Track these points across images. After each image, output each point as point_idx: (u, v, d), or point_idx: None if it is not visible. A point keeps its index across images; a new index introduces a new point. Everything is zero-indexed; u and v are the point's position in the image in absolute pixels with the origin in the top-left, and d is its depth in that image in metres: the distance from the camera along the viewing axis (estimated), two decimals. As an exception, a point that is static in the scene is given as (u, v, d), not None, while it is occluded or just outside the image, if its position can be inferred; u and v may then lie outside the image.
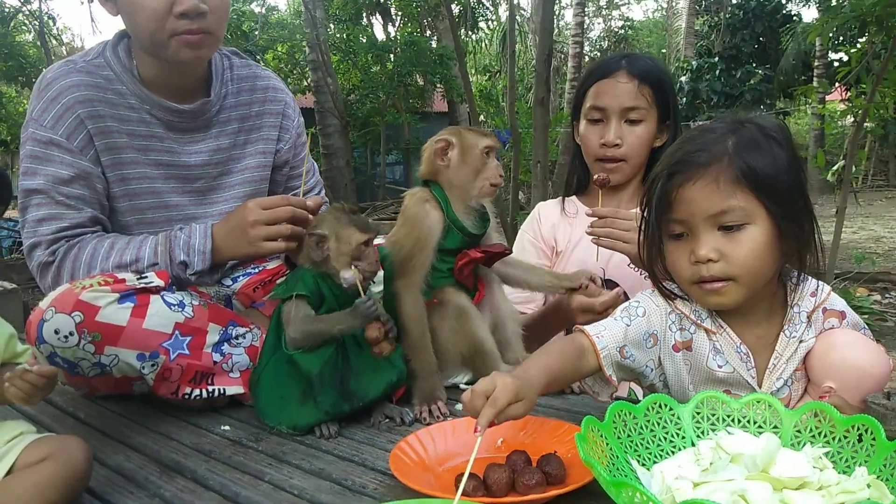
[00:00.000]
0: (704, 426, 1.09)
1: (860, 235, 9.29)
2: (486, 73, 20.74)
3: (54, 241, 1.48)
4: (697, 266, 1.13)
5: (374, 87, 12.30)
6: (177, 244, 1.47)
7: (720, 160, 1.10)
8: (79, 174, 1.49)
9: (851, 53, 5.11)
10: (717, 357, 1.20)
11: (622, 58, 1.74)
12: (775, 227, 1.10)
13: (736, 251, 1.10)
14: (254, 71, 1.75)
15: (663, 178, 1.15)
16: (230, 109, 1.68)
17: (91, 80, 1.52)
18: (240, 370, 1.50)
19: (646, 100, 1.69)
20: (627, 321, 1.22)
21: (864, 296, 5.59)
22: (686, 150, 1.14)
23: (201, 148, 1.65)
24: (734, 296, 1.13)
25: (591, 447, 0.97)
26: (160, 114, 1.58)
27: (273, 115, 1.75)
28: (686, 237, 1.15)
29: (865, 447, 0.95)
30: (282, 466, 1.20)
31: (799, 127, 19.86)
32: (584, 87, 1.78)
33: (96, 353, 1.31)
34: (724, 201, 1.09)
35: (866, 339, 1.17)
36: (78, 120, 1.49)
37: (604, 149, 1.72)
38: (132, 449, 1.32)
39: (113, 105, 1.54)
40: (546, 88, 6.05)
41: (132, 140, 1.56)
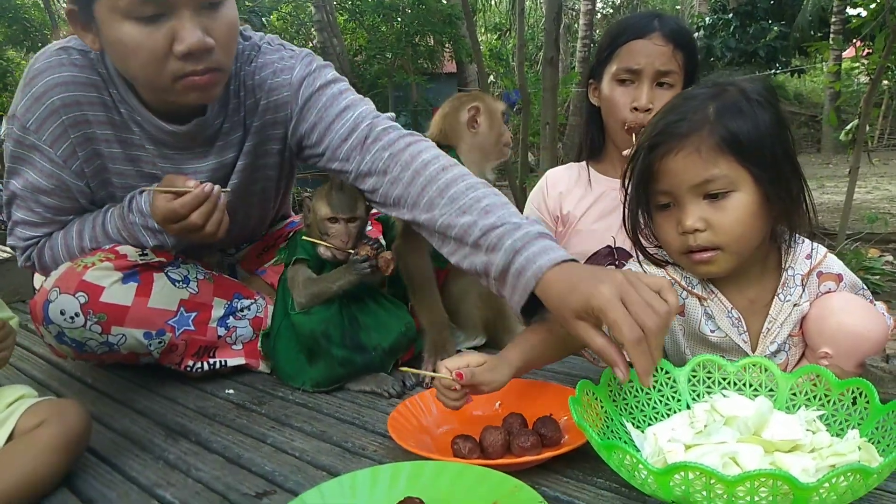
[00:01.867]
0: (700, 389, 1.09)
1: (874, 195, 9.17)
2: (496, 31, 20.38)
3: (27, 248, 1.45)
4: (685, 236, 1.12)
5: (382, 47, 12.12)
6: (137, 231, 1.36)
7: (701, 129, 1.08)
8: (58, 186, 1.37)
9: (869, 9, 4.98)
10: (708, 322, 1.20)
11: (654, 17, 1.67)
12: (761, 192, 1.09)
13: (722, 219, 1.09)
14: (248, 54, 1.42)
15: (645, 149, 1.14)
16: (233, 114, 1.42)
17: (85, 78, 1.32)
18: (243, 342, 1.52)
19: (678, 64, 1.63)
20: None
21: (876, 256, 5.55)
22: (667, 120, 1.13)
23: (200, 167, 1.42)
24: (723, 264, 1.13)
25: (586, 410, 0.98)
26: (152, 131, 1.36)
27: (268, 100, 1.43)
28: (672, 207, 1.14)
29: (859, 410, 0.96)
30: (284, 429, 1.23)
31: (815, 85, 19.48)
32: (613, 46, 1.68)
33: (103, 332, 1.32)
34: (707, 170, 1.08)
35: (863, 302, 1.17)
36: (62, 127, 1.32)
37: (634, 113, 1.64)
38: (138, 413, 1.34)
39: (107, 108, 1.34)
40: (556, 48, 5.94)
41: (124, 149, 1.38)
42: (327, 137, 1.39)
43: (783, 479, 0.72)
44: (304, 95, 1.41)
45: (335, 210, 1.38)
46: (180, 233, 1.29)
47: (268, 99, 1.42)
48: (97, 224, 1.42)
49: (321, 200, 1.39)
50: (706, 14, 16.81)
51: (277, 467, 1.07)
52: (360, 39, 12.84)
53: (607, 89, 1.69)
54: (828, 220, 7.41)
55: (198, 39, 1.15)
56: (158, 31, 1.14)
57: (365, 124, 1.37)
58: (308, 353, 1.38)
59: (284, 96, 1.42)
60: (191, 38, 1.14)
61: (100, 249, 1.39)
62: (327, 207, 1.38)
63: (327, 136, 1.39)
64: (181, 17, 1.13)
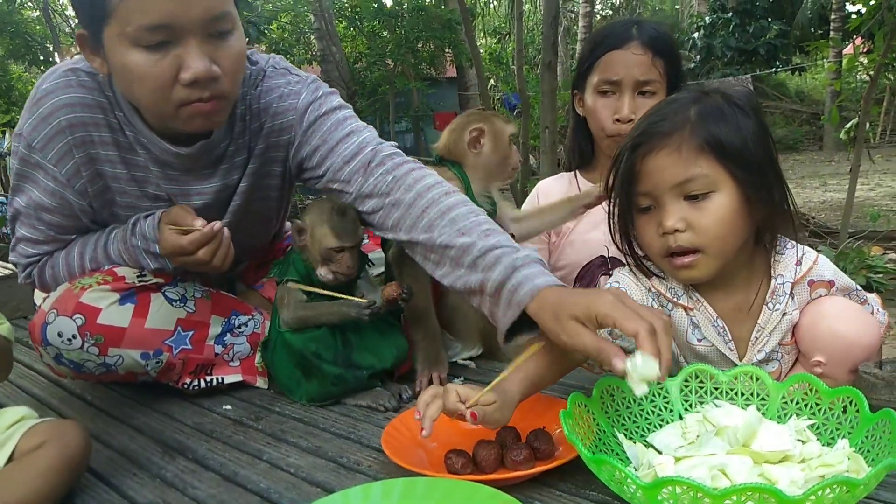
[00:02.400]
0: (692, 399, 1.10)
1: (877, 192, 9.15)
2: (496, 35, 20.43)
3: (28, 265, 1.46)
4: (665, 238, 1.12)
5: (382, 54, 12.16)
6: (139, 255, 1.36)
7: (682, 129, 1.09)
8: (61, 204, 1.37)
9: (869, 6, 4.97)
10: (695, 331, 1.20)
11: (632, 25, 1.67)
12: (742, 193, 1.09)
13: (702, 220, 1.09)
14: (255, 78, 1.43)
15: (627, 150, 1.14)
16: (238, 137, 1.42)
17: (91, 99, 1.32)
18: (240, 359, 1.52)
19: (658, 72, 1.64)
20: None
21: (879, 254, 5.53)
22: (649, 120, 1.14)
23: (205, 188, 1.42)
24: (705, 268, 1.13)
25: (578, 423, 0.99)
26: (157, 153, 1.36)
27: (272, 123, 1.44)
28: (653, 209, 1.14)
29: (850, 419, 0.96)
30: (280, 445, 1.23)
31: (816, 82, 19.44)
32: (593, 58, 1.70)
33: (100, 354, 1.33)
34: (688, 170, 1.08)
35: (855, 308, 1.16)
36: (67, 147, 1.32)
37: (617, 125, 1.66)
38: (136, 430, 1.35)
39: (112, 130, 1.34)
40: (554, 52, 5.97)
41: (129, 170, 1.38)
42: (329, 159, 1.41)
43: (769, 492, 0.73)
44: (308, 119, 1.42)
45: (342, 240, 1.35)
46: (186, 265, 1.31)
47: (272, 122, 1.43)
48: (99, 245, 1.43)
49: (323, 227, 1.35)
50: (706, 13, 16.80)
51: (272, 484, 1.08)
52: (360, 46, 12.88)
53: (590, 100, 1.71)
54: (830, 219, 7.40)
55: (204, 68, 1.15)
56: (165, 59, 1.14)
57: (369, 149, 1.39)
58: (302, 368, 1.38)
59: (289, 120, 1.43)
60: (197, 67, 1.15)
61: (98, 271, 1.40)
62: (333, 237, 1.34)
63: (329, 158, 1.41)
64: (188, 45, 1.14)
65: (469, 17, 8.20)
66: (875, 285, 4.98)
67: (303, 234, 1.38)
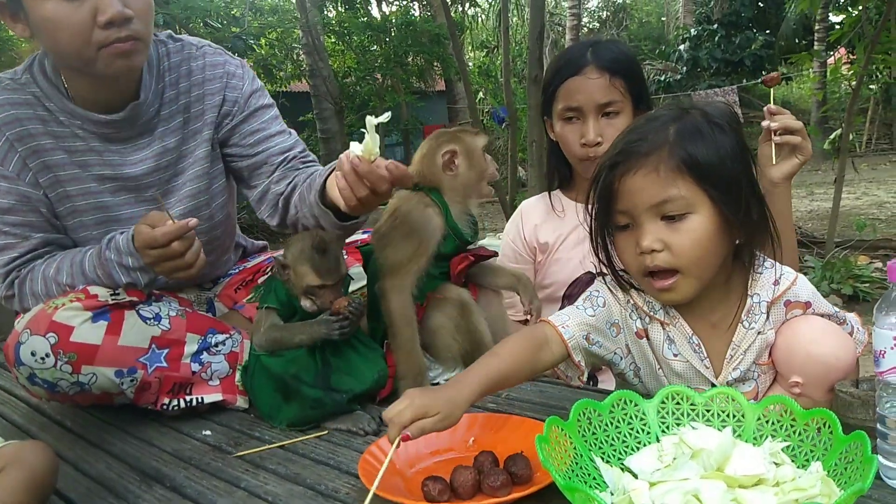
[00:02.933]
0: (669, 421, 1.10)
1: (863, 201, 9.23)
2: (484, 48, 20.54)
3: (8, 274, 1.47)
4: (643, 257, 1.12)
5: (371, 68, 12.20)
6: (112, 268, 1.39)
7: (660, 149, 1.09)
8: (18, 200, 1.44)
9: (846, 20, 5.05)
10: (671, 346, 1.21)
11: (587, 49, 1.68)
12: (720, 214, 1.10)
13: (679, 241, 1.10)
14: (189, 52, 1.59)
15: (606, 169, 1.14)
16: (171, 103, 1.56)
17: (18, 98, 1.45)
18: (219, 377, 1.51)
19: (619, 91, 1.65)
20: (591, 311, 1.24)
21: (866, 264, 5.57)
22: (627, 139, 1.14)
23: (146, 154, 1.54)
24: (684, 291, 1.13)
25: (554, 448, 0.98)
26: (92, 128, 1.48)
27: (214, 93, 1.59)
28: (631, 228, 1.14)
29: (824, 440, 0.96)
30: (258, 472, 1.22)
31: (802, 91, 19.61)
32: (552, 86, 1.71)
33: (73, 372, 1.32)
34: (665, 190, 1.08)
35: (831, 328, 1.17)
36: (8, 144, 1.42)
37: (585, 148, 1.67)
38: (114, 457, 1.34)
39: (44, 121, 1.46)
40: (540, 66, 5.99)
41: (71, 156, 1.48)
42: (265, 144, 1.62)
43: (740, 520, 0.72)
44: (251, 105, 1.63)
45: (324, 278, 1.36)
46: (159, 261, 1.32)
47: (209, 86, 1.59)
48: (75, 261, 1.44)
49: (305, 266, 1.35)
50: (691, 25, 16.97)
51: (249, 513, 1.07)
52: (349, 61, 12.92)
53: (558, 127, 1.73)
54: (817, 228, 7.45)
55: (118, 10, 1.30)
56: (82, 5, 1.29)
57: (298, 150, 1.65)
58: (282, 392, 1.38)
59: (233, 96, 1.61)
60: (112, 9, 1.30)
61: (72, 291, 1.40)
62: (315, 276, 1.35)
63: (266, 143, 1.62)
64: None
65: (456, 32, 8.25)
66: (862, 295, 5.01)
67: (286, 270, 1.38)
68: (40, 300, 1.42)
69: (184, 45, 1.60)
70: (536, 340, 1.18)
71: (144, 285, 1.43)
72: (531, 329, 1.24)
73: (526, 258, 1.86)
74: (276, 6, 12.14)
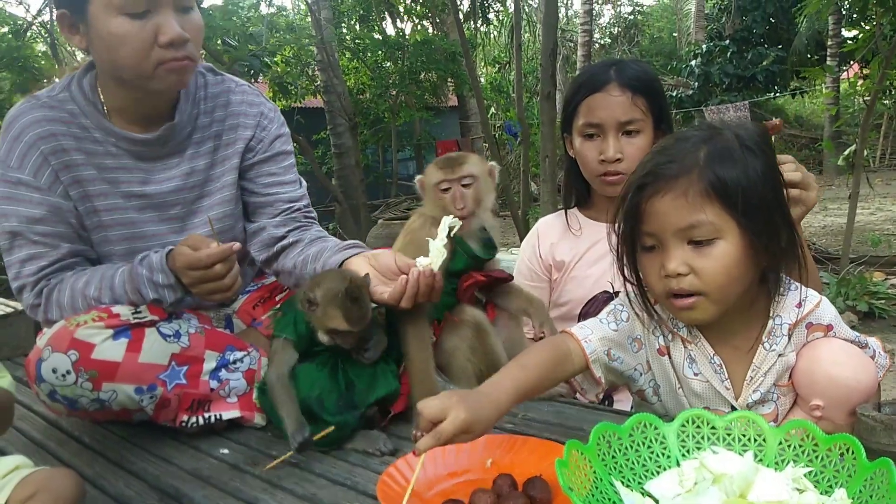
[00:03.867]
0: (690, 445, 1.09)
1: (877, 217, 9.15)
2: (496, 64, 20.65)
3: (37, 283, 1.50)
4: (668, 279, 1.12)
5: (386, 85, 12.29)
6: (141, 283, 1.44)
7: (690, 172, 1.08)
8: (50, 211, 1.49)
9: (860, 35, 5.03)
10: (692, 365, 1.21)
11: (610, 67, 1.70)
12: (747, 241, 1.08)
13: (706, 266, 1.09)
14: (228, 86, 1.70)
15: (633, 189, 1.14)
16: (204, 129, 1.64)
17: (54, 115, 1.51)
18: (237, 395, 1.52)
19: (640, 110, 1.66)
20: (614, 325, 1.24)
21: (881, 280, 5.52)
22: (657, 161, 1.13)
23: (175, 173, 1.61)
24: (705, 312, 1.13)
25: (574, 471, 0.98)
26: (125, 145, 1.55)
27: (247, 127, 1.69)
28: (657, 249, 1.14)
29: (847, 466, 0.95)
30: (276, 491, 1.22)
31: (815, 106, 19.54)
32: (574, 102, 1.73)
33: (94, 389, 1.34)
34: (693, 215, 1.08)
35: (852, 350, 1.16)
36: (42, 157, 1.48)
37: (604, 165, 1.68)
38: (133, 475, 1.34)
39: (78, 139, 1.52)
40: (552, 82, 6.03)
41: (101, 172, 1.54)
42: (277, 188, 1.72)
43: (765, 548, 0.72)
44: (275, 148, 1.72)
45: (352, 326, 1.36)
46: (200, 282, 1.37)
47: (238, 119, 1.68)
48: (105, 276, 1.49)
49: (335, 311, 1.35)
50: (703, 41, 16.98)
51: (268, 534, 1.07)
52: (363, 77, 13.02)
53: (577, 143, 1.73)
54: (831, 244, 7.40)
55: (178, 32, 1.40)
56: (147, 25, 1.39)
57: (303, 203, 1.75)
58: (305, 415, 1.37)
59: (262, 135, 1.70)
60: (173, 31, 1.40)
61: (97, 305, 1.43)
62: (344, 322, 1.36)
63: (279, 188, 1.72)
64: (165, 14, 1.40)
65: (469, 50, 8.31)
66: (878, 311, 4.96)
67: (312, 307, 1.38)
68: (65, 312, 1.46)
69: (224, 79, 1.71)
70: (559, 352, 1.18)
71: (170, 304, 1.45)
72: (553, 341, 1.24)
73: (541, 276, 1.86)
74: (292, 23, 12.25)
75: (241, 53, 6.55)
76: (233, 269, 1.37)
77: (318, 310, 1.38)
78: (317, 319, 1.39)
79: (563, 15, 19.04)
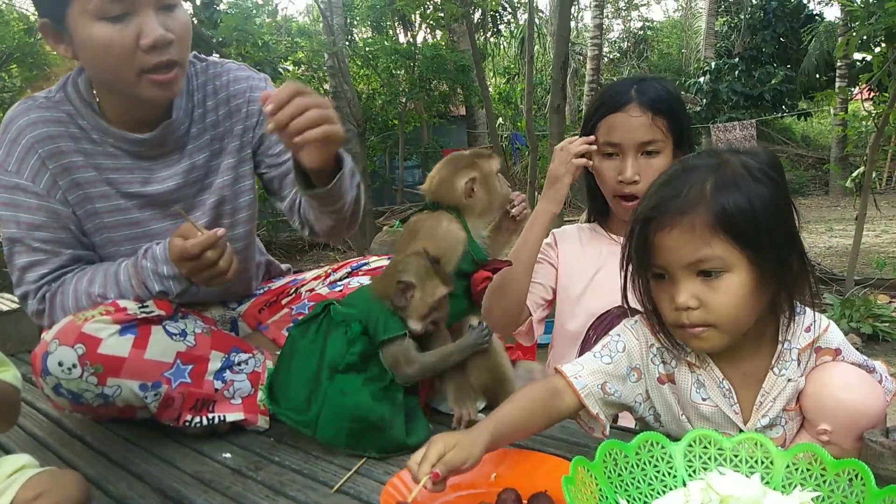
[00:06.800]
0: (696, 465, 1.08)
1: (883, 239, 9.13)
2: (505, 75, 20.71)
3: (40, 289, 1.50)
4: (678, 312, 1.11)
5: (396, 92, 12.34)
6: (147, 276, 1.43)
7: (696, 207, 1.07)
8: (49, 217, 1.47)
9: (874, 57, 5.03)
10: (700, 390, 1.20)
11: (632, 86, 1.67)
12: (757, 273, 1.08)
13: (715, 299, 1.08)
14: (213, 70, 1.63)
15: (640, 223, 1.13)
16: (199, 120, 1.59)
17: (51, 116, 1.47)
18: (241, 396, 1.52)
19: (661, 131, 1.64)
20: (608, 358, 1.22)
21: (886, 303, 5.50)
22: (662, 195, 1.11)
23: (176, 171, 1.57)
24: (714, 342, 1.12)
25: (580, 489, 0.98)
26: (124, 145, 1.51)
27: (240, 108, 1.63)
28: (667, 279, 1.13)
29: (856, 492, 0.95)
30: (278, 498, 1.22)
31: (822, 127, 19.56)
32: (593, 120, 1.71)
33: (99, 384, 1.34)
34: (701, 251, 1.07)
35: (860, 374, 1.15)
36: (40, 161, 1.45)
37: (622, 185, 1.66)
38: (135, 477, 1.34)
39: (76, 139, 1.49)
40: (562, 95, 6.06)
41: (100, 173, 1.51)
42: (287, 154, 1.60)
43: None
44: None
45: (449, 285, 1.40)
46: (195, 271, 1.37)
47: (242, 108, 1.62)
48: (109, 272, 1.48)
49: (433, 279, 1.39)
50: (711, 58, 17.03)
51: (270, 541, 1.07)
52: (374, 84, 13.08)
53: (596, 161, 1.72)
54: (836, 265, 7.38)
55: (161, 34, 1.34)
56: (126, 28, 1.32)
57: None
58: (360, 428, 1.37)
59: (257, 108, 1.62)
60: (154, 33, 1.33)
61: (103, 302, 1.43)
62: (443, 286, 1.39)
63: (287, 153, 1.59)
64: (145, 15, 1.33)
65: (481, 61, 8.34)
66: (882, 334, 4.94)
67: (410, 291, 1.39)
68: (69, 313, 1.44)
69: (208, 64, 1.64)
70: (550, 390, 1.18)
71: (177, 294, 1.45)
72: (546, 380, 1.23)
73: (550, 284, 1.84)
74: (304, 28, 12.34)
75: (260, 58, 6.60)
76: (225, 254, 1.36)
77: (416, 292, 1.39)
78: (415, 303, 1.39)
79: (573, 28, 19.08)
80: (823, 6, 17.31)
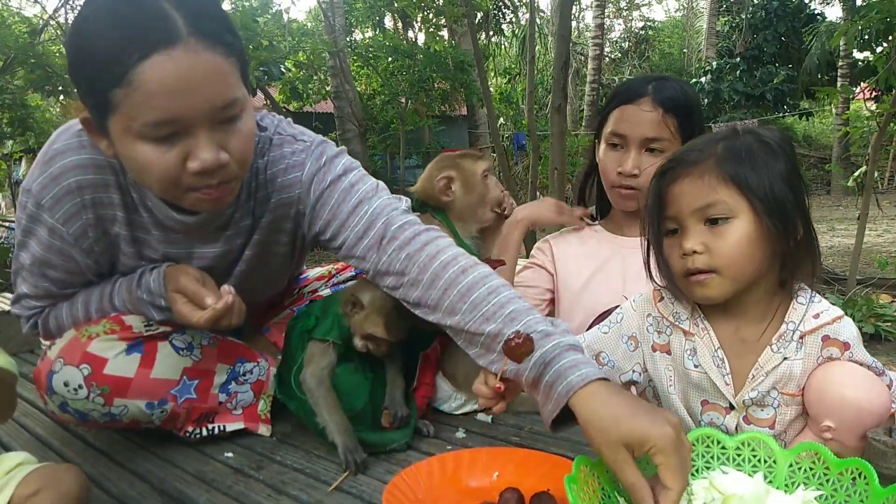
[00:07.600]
0: (699, 464, 1.08)
1: (885, 239, 9.12)
2: (506, 75, 20.72)
3: (31, 317, 1.46)
4: (685, 258, 1.17)
5: (396, 92, 12.34)
6: (145, 308, 1.37)
7: (708, 159, 1.16)
8: (64, 261, 1.36)
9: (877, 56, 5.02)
10: (693, 357, 1.23)
11: (649, 82, 1.68)
12: (761, 223, 1.13)
13: (719, 244, 1.14)
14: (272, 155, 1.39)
15: (657, 176, 1.22)
16: (244, 205, 1.39)
17: (100, 160, 1.28)
18: (243, 406, 1.52)
19: (669, 130, 1.64)
20: (606, 328, 1.32)
21: (888, 302, 5.49)
22: (679, 153, 1.22)
23: (207, 253, 1.41)
24: (719, 288, 1.16)
25: (582, 488, 0.97)
26: (161, 217, 1.34)
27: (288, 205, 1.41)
28: (677, 233, 1.20)
29: (859, 491, 0.94)
30: (280, 498, 1.22)
31: (824, 126, 19.55)
32: (607, 109, 1.73)
33: (106, 404, 1.33)
34: (709, 196, 1.14)
35: (865, 373, 1.15)
36: (77, 207, 1.30)
37: (620, 177, 1.68)
38: (137, 476, 1.34)
39: (121, 190, 1.32)
40: (563, 95, 6.03)
41: (131, 231, 1.36)
42: (342, 234, 1.36)
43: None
44: (315, 192, 1.38)
45: (391, 335, 1.38)
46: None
47: (279, 196, 1.39)
48: (104, 295, 1.42)
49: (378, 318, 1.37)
50: (713, 58, 17.04)
51: (272, 540, 1.07)
52: (374, 83, 13.08)
53: (601, 150, 1.73)
54: (838, 264, 7.37)
55: (212, 159, 1.11)
56: (172, 149, 1.10)
57: (381, 222, 1.34)
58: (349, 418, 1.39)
59: (296, 194, 1.39)
60: (205, 158, 1.11)
61: (105, 318, 1.39)
62: (383, 330, 1.37)
63: (342, 232, 1.36)
64: (196, 136, 1.10)
65: (482, 60, 8.33)
66: (884, 334, 4.93)
67: (354, 309, 1.39)
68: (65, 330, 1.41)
69: (260, 138, 1.38)
70: None
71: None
72: None
73: (546, 285, 1.85)
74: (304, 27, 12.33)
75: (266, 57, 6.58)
76: (234, 317, 1.26)
77: (362, 314, 1.38)
78: (356, 323, 1.39)
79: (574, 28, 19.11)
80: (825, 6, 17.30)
